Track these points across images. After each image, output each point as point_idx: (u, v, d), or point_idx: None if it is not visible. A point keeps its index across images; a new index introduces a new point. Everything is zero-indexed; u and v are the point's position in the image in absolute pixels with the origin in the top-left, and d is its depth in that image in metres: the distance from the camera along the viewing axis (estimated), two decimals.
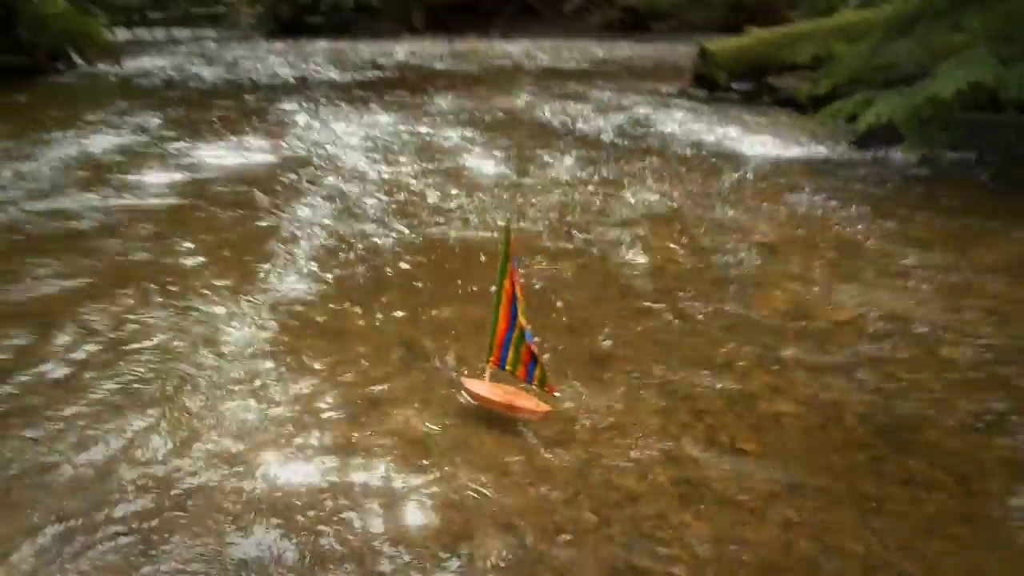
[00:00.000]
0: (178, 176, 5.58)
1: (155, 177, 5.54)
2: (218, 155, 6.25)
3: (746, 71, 8.72)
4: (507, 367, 2.55)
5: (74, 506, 2.07)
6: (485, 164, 5.88)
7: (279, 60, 12.43)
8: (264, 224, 4.47)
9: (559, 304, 3.37)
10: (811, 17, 9.61)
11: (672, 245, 4.14)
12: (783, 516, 2.06)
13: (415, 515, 2.05)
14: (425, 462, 2.28)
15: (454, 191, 5.13)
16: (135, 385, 2.68)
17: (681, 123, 7.39)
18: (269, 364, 2.84)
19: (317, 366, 2.82)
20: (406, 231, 4.33)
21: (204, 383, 2.70)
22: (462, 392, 2.66)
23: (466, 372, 2.76)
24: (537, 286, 3.53)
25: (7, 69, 9.72)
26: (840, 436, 2.44)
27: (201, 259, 3.91)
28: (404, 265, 3.84)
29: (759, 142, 6.56)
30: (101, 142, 6.61)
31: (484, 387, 2.59)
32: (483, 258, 3.90)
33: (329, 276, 3.70)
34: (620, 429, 2.47)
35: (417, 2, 18.53)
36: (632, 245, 4.13)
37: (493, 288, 2.52)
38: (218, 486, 2.15)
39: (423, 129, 7.16)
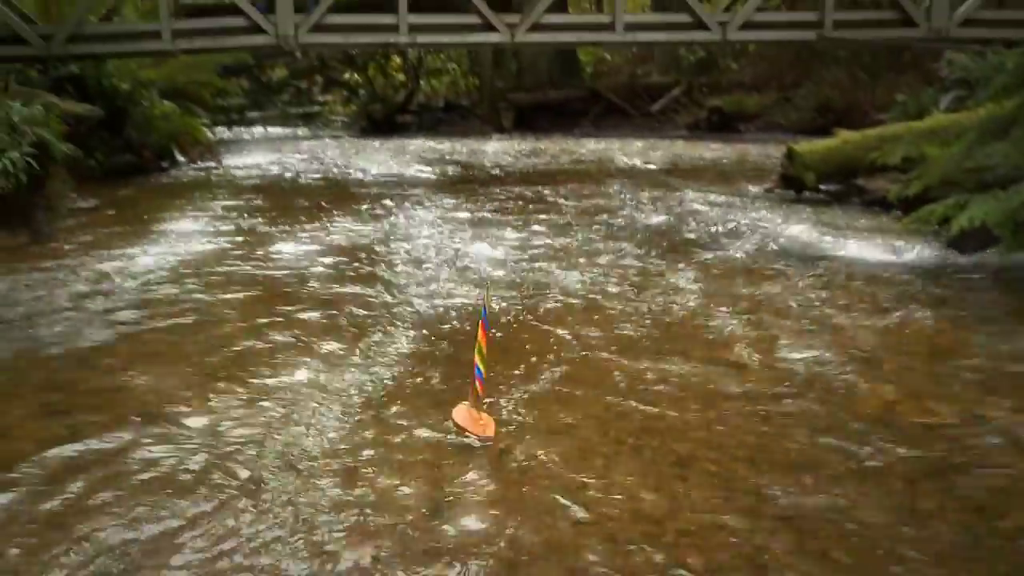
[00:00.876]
0: (281, 259, 5.75)
1: (251, 266, 5.72)
2: (310, 246, 6.43)
3: (834, 172, 8.65)
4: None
5: None
6: (570, 275, 5.89)
7: (370, 157, 12.79)
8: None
9: (651, 409, 3.33)
10: (901, 120, 9.54)
11: (760, 346, 4.07)
12: None
13: None
14: None
15: (551, 296, 5.16)
16: None
17: (768, 223, 7.33)
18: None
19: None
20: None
21: None
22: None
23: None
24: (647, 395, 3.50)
25: (117, 167, 10.19)
26: None
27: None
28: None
29: (848, 243, 6.46)
30: (200, 234, 6.87)
31: (459, 413, 3.16)
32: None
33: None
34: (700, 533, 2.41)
35: (505, 102, 18.95)
36: (725, 343, 4.09)
37: None
38: None
39: (509, 220, 7.26)
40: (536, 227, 7.15)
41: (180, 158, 11.77)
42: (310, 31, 10.04)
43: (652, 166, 11.53)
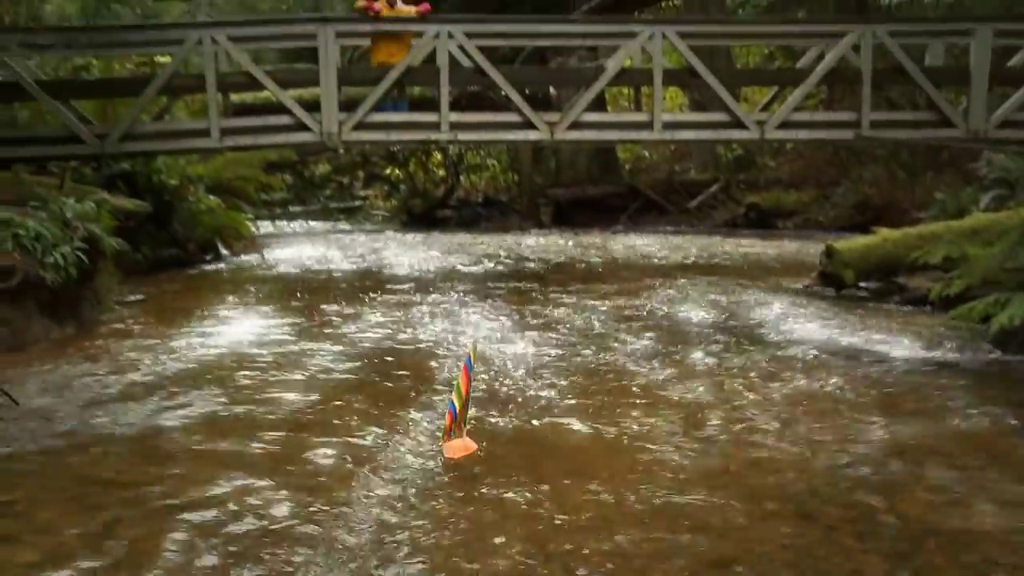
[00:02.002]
0: (318, 357, 5.79)
1: (291, 360, 5.77)
2: (346, 343, 6.48)
3: (874, 270, 8.63)
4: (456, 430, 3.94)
5: None
6: (608, 356, 5.88)
7: (409, 251, 12.93)
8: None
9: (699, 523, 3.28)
10: (941, 219, 9.54)
11: (796, 447, 4.02)
12: None
13: None
14: None
15: (592, 390, 5.14)
16: None
17: (807, 320, 7.30)
18: None
19: None
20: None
21: None
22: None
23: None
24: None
25: (162, 260, 10.39)
26: None
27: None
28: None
29: (888, 341, 6.40)
30: (241, 328, 6.96)
31: (447, 449, 3.91)
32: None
33: None
34: None
35: (544, 198, 19.15)
36: (761, 440, 4.05)
37: None
38: None
39: (546, 318, 7.28)
40: (576, 322, 7.17)
41: (224, 251, 11.98)
42: (354, 128, 10.27)
43: (690, 262, 11.55)
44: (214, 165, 12.23)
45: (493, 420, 4.46)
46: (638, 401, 4.86)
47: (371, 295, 8.73)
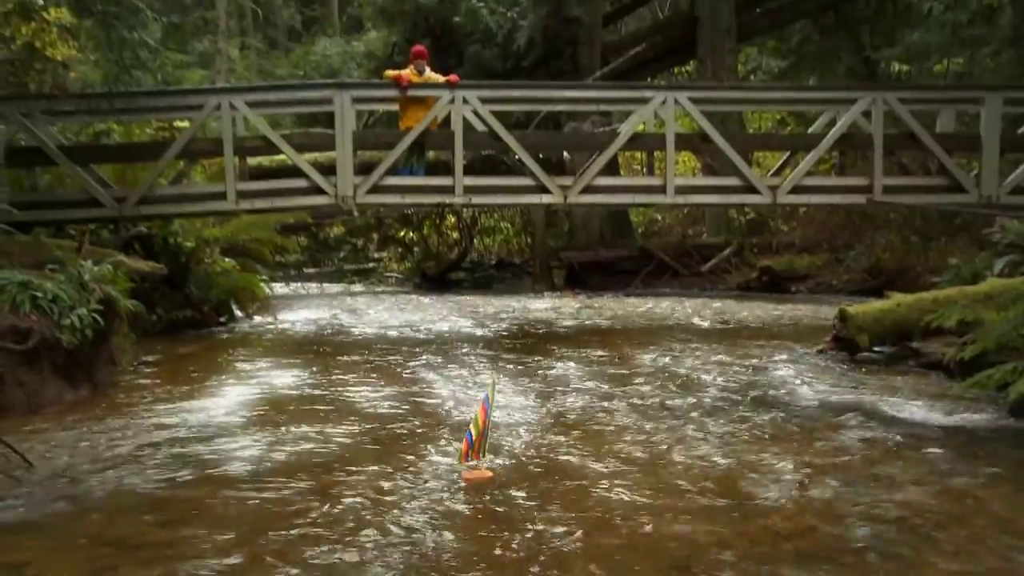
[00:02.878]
0: (325, 424, 5.79)
1: (302, 424, 5.77)
2: (364, 406, 6.47)
3: (888, 334, 8.60)
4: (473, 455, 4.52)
5: None
6: (616, 422, 5.85)
7: (422, 314, 12.96)
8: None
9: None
10: (955, 283, 9.53)
11: (807, 512, 3.99)
12: None
13: None
14: None
15: (592, 463, 5.12)
16: None
17: (822, 384, 7.27)
18: None
19: None
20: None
21: None
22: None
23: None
24: None
25: (177, 322, 10.45)
26: None
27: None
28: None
29: (905, 407, 6.36)
30: (254, 391, 6.98)
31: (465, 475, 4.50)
32: None
33: None
34: None
35: (557, 260, 19.21)
36: (775, 504, 4.01)
37: None
38: None
39: (556, 383, 7.27)
40: (590, 384, 7.15)
41: (238, 313, 12.03)
42: (369, 192, 10.39)
43: (703, 325, 11.53)
44: (230, 227, 12.33)
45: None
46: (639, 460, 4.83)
47: (382, 357, 8.74)
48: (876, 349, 8.65)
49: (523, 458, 4.96)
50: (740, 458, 4.99)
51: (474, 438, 4.43)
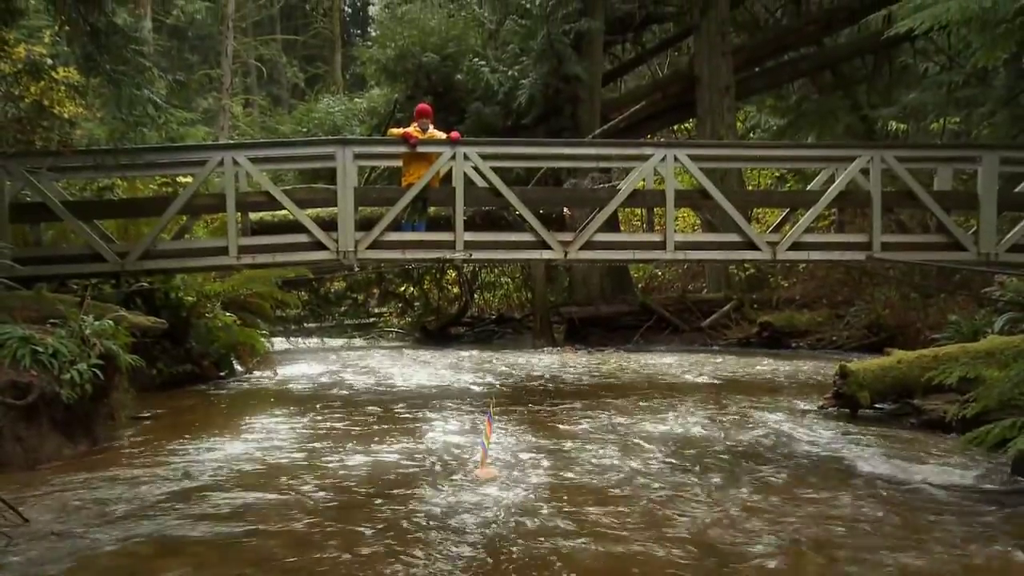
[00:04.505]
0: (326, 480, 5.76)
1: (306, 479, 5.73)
2: (363, 460, 6.44)
3: (889, 391, 8.59)
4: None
5: None
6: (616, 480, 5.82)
7: (422, 369, 12.95)
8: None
9: None
10: (955, 340, 9.54)
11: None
12: None
13: None
14: None
15: (587, 510, 5.09)
16: None
17: (822, 441, 7.24)
18: None
19: None
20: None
21: None
22: None
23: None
24: None
25: (176, 377, 10.45)
26: None
27: None
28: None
29: (907, 465, 6.33)
30: (252, 447, 6.95)
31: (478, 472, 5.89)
32: None
33: None
34: None
35: (558, 316, 19.22)
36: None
37: None
38: None
39: (561, 440, 7.23)
40: (590, 448, 7.11)
41: (239, 368, 12.02)
42: (370, 247, 10.43)
43: (703, 380, 11.51)
44: (231, 282, 12.37)
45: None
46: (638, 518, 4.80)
47: (380, 412, 8.72)
48: (877, 406, 8.64)
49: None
50: (735, 513, 4.96)
51: (486, 446, 6.10)
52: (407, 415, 8.56)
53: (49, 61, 9.99)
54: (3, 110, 9.52)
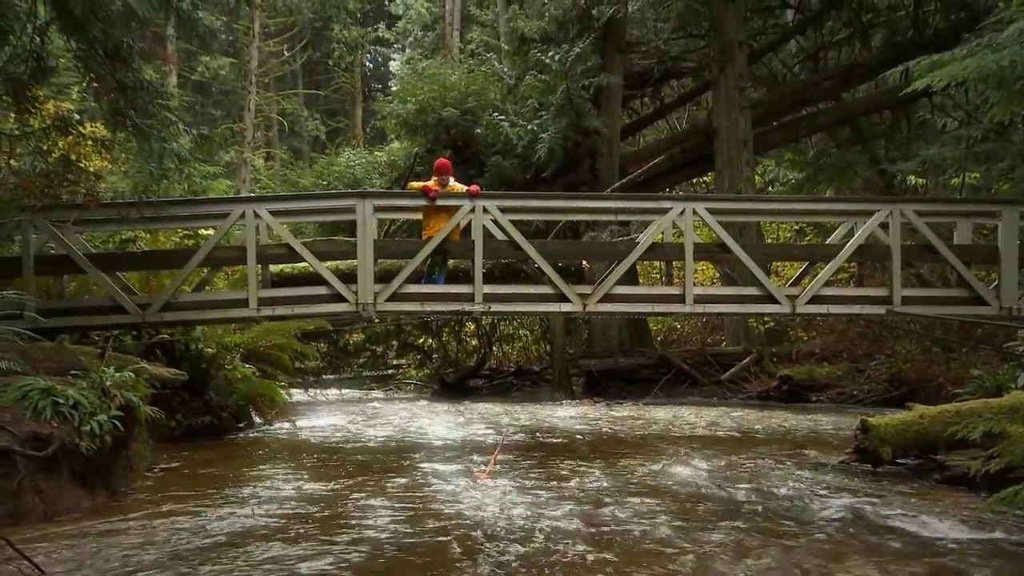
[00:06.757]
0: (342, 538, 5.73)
1: (317, 538, 5.71)
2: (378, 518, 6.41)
3: (911, 446, 8.48)
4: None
5: None
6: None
7: (440, 422, 12.92)
8: None
9: None
10: (978, 395, 9.44)
11: None
12: None
13: None
14: None
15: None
16: None
17: (845, 497, 7.14)
18: None
19: None
20: None
21: None
22: None
23: None
24: None
25: (195, 428, 10.47)
26: None
27: None
28: None
29: (927, 523, 6.23)
30: (269, 501, 6.93)
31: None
32: None
33: None
34: None
35: (576, 368, 19.18)
36: None
37: None
38: None
39: (573, 494, 7.18)
40: (605, 499, 7.05)
41: (257, 419, 12.04)
42: (389, 299, 10.47)
43: (723, 435, 11.42)
44: (251, 333, 12.44)
45: None
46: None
47: (398, 467, 8.68)
48: (899, 461, 8.53)
49: None
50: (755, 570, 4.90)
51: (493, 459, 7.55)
52: (421, 467, 8.52)
53: (77, 116, 10.18)
54: (31, 164, 9.69)
